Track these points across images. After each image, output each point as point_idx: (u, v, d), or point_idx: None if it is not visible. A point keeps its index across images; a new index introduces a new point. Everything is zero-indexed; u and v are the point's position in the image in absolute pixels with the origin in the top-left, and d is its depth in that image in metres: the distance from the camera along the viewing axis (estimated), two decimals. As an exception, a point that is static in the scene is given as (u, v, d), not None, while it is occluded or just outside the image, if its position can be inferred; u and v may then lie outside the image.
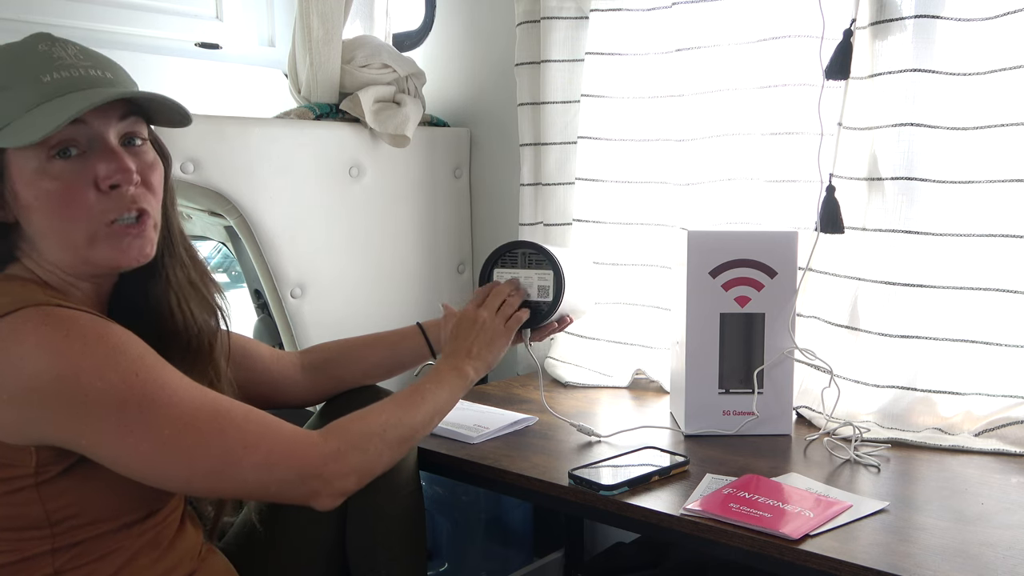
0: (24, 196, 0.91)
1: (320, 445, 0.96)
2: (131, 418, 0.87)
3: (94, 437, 0.87)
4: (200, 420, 0.90)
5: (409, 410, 1.08)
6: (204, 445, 0.90)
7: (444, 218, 1.98)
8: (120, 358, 0.87)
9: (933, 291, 1.36)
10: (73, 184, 0.90)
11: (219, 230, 1.79)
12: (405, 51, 2.02)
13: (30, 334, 0.85)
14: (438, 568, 1.79)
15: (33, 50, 0.91)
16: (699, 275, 1.36)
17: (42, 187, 0.90)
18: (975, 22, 1.30)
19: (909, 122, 1.35)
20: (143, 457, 0.88)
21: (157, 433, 0.88)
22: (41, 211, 0.91)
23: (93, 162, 0.91)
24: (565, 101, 1.78)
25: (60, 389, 0.84)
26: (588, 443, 1.35)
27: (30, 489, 0.88)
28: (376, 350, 1.34)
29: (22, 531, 0.89)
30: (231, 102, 1.84)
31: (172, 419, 0.88)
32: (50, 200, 0.90)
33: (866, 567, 0.92)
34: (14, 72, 0.90)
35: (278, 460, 0.93)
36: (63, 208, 0.90)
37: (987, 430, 1.33)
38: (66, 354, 0.85)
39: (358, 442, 0.99)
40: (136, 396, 0.87)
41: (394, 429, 1.04)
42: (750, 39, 1.53)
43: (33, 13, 1.59)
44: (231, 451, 0.91)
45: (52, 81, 0.89)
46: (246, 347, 1.25)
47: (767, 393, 1.37)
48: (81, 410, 0.85)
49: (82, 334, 0.86)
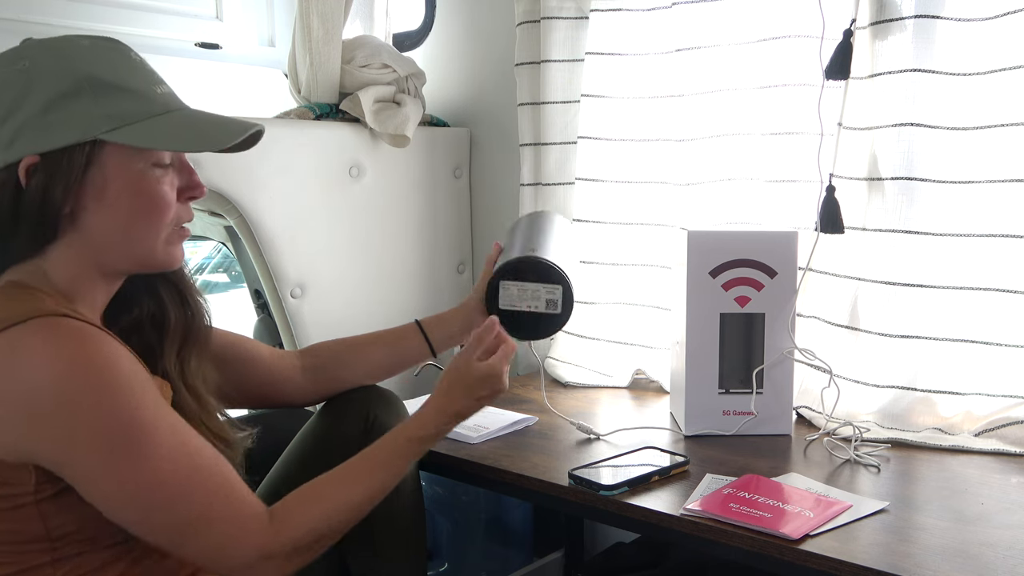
0: (115, 190, 0.92)
1: (270, 542, 0.95)
2: (113, 454, 0.87)
3: (74, 463, 0.86)
4: (176, 478, 0.90)
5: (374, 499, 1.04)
6: (170, 504, 0.90)
7: (444, 218, 1.98)
8: (120, 392, 0.87)
9: (933, 291, 1.36)
10: (167, 192, 0.96)
11: (219, 230, 1.79)
12: (405, 51, 2.02)
13: (38, 349, 0.84)
14: (438, 568, 1.79)
15: (129, 56, 0.96)
16: (699, 275, 1.36)
17: (140, 187, 0.94)
18: (975, 22, 1.30)
19: (909, 122, 1.35)
20: (109, 494, 0.88)
21: (130, 477, 0.87)
22: (128, 208, 0.93)
23: (175, 174, 0.98)
24: (565, 101, 1.78)
25: (56, 412, 0.84)
26: (588, 443, 1.35)
27: (30, 506, 0.88)
28: (376, 351, 1.33)
29: (23, 544, 0.89)
30: (231, 102, 1.84)
31: (149, 470, 0.88)
32: (146, 200, 0.94)
33: (866, 567, 0.92)
34: (133, 75, 0.94)
35: (229, 545, 0.93)
36: (155, 210, 0.95)
37: (987, 430, 1.33)
38: (70, 376, 0.84)
39: (312, 541, 0.98)
40: (125, 435, 0.87)
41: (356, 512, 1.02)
42: (750, 39, 1.53)
43: (33, 13, 1.59)
44: (191, 522, 0.91)
45: (163, 95, 0.96)
46: (247, 348, 1.25)
47: (767, 393, 1.37)
48: (70, 435, 0.85)
49: (88, 356, 0.86)
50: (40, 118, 0.89)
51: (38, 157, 0.89)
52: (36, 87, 0.89)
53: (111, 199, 0.93)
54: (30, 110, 0.89)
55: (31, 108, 0.89)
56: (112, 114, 0.91)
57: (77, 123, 0.89)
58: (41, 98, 0.89)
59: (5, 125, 0.89)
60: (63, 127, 0.89)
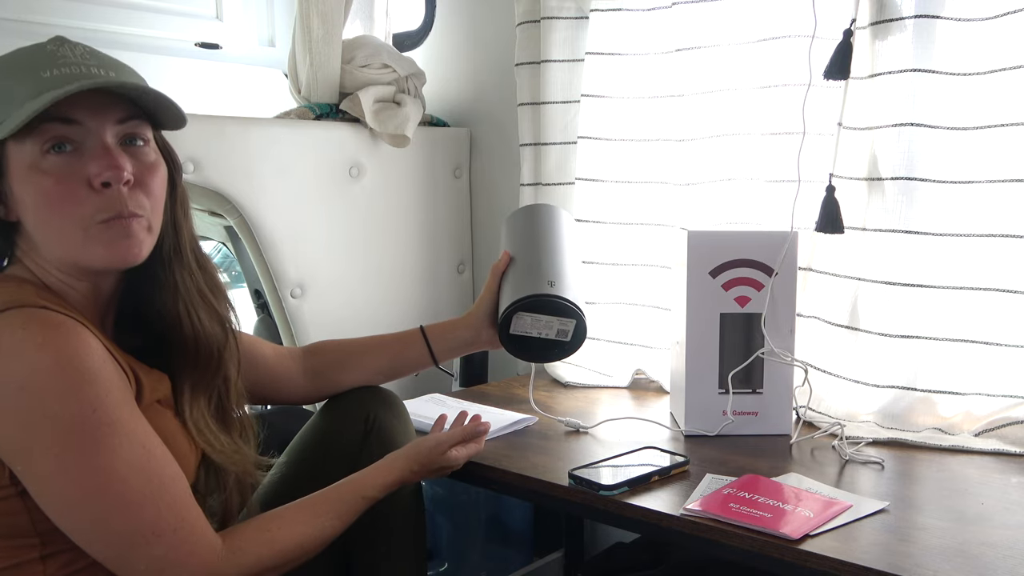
0: (19, 191, 0.90)
1: (218, 566, 0.92)
2: (68, 452, 0.84)
3: (25, 455, 0.85)
4: (129, 485, 0.87)
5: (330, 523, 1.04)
6: (119, 512, 0.87)
7: (444, 218, 1.98)
8: (86, 387, 0.85)
9: (933, 291, 1.36)
10: (65, 179, 0.89)
11: (219, 230, 1.79)
12: (405, 51, 2.02)
13: (7, 338, 0.84)
14: (438, 568, 1.79)
15: (42, 49, 0.91)
16: (699, 275, 1.36)
17: (36, 182, 0.89)
18: (975, 22, 1.30)
19: (909, 122, 1.35)
20: (58, 495, 0.86)
21: (83, 478, 0.85)
22: (35, 207, 0.90)
23: (86, 159, 0.90)
24: (565, 101, 1.78)
25: (19, 401, 0.83)
26: (588, 443, 1.35)
27: (15, 499, 0.87)
28: (379, 357, 1.33)
29: (11, 538, 0.89)
30: (231, 102, 1.84)
31: (104, 471, 0.86)
32: (43, 195, 0.89)
33: (866, 567, 0.92)
34: (17, 68, 0.90)
35: (175, 563, 0.90)
36: (56, 204, 0.89)
37: (987, 430, 1.33)
38: (35, 367, 0.83)
39: (258, 573, 0.96)
40: (85, 431, 0.85)
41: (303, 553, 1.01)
42: (750, 39, 1.53)
43: (33, 13, 1.59)
44: (139, 532, 0.88)
45: (51, 77, 0.88)
46: (250, 347, 1.24)
47: (767, 393, 1.37)
48: (29, 427, 0.84)
49: (57, 349, 0.84)
50: None
51: None
52: None
53: (22, 199, 0.91)
54: None
55: None
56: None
57: None
58: None
59: None
60: None
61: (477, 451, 1.23)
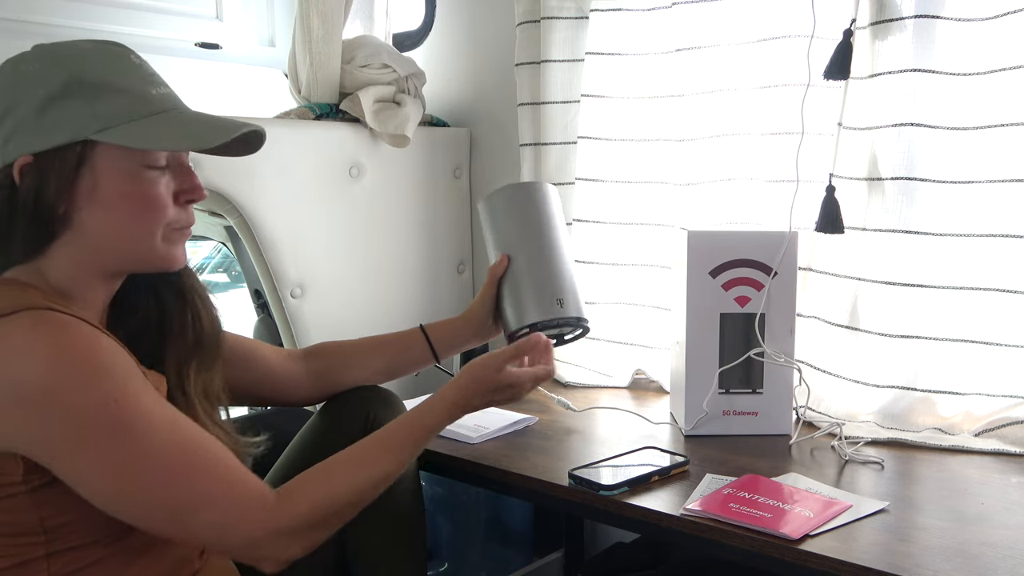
0: (106, 191, 0.93)
1: (273, 519, 0.94)
2: (100, 444, 0.86)
3: (60, 454, 0.86)
4: (169, 461, 0.89)
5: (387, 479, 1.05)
6: (165, 489, 0.89)
7: (444, 218, 1.98)
8: (104, 379, 0.87)
9: (933, 291, 1.36)
10: (159, 190, 0.96)
11: (219, 230, 1.79)
12: (405, 51, 2.02)
13: (20, 339, 0.85)
14: (438, 568, 1.79)
15: (127, 59, 0.97)
16: (699, 275, 1.36)
17: (132, 187, 0.94)
18: (975, 22, 1.30)
19: (909, 122, 1.35)
20: (102, 486, 0.88)
21: (122, 466, 0.87)
22: (121, 208, 0.94)
23: (173, 175, 0.98)
24: (565, 101, 1.78)
25: (40, 400, 0.84)
26: (588, 443, 1.35)
27: (23, 496, 0.88)
28: (380, 357, 1.33)
29: (17, 536, 0.89)
30: (231, 102, 1.84)
31: (140, 454, 0.88)
32: (138, 199, 0.95)
33: (866, 567, 0.92)
34: (127, 76, 0.95)
35: (231, 524, 0.93)
36: (148, 211, 0.95)
37: (987, 430, 1.33)
38: (52, 366, 0.85)
39: (316, 520, 0.98)
40: (111, 422, 0.86)
41: (358, 507, 1.03)
42: (750, 39, 1.53)
43: (33, 13, 1.59)
44: (189, 502, 0.90)
45: (159, 96, 0.96)
46: (251, 349, 1.25)
47: (767, 393, 1.37)
48: (55, 425, 0.85)
49: (71, 346, 0.86)
50: (34, 120, 0.91)
51: (31, 157, 0.91)
52: (31, 89, 0.91)
53: (102, 199, 0.93)
54: (25, 111, 0.91)
55: (26, 110, 0.91)
56: (101, 115, 0.92)
57: (68, 124, 0.91)
58: (35, 100, 0.91)
59: (2, 126, 0.91)
60: (55, 128, 0.91)
61: (548, 374, 1.17)
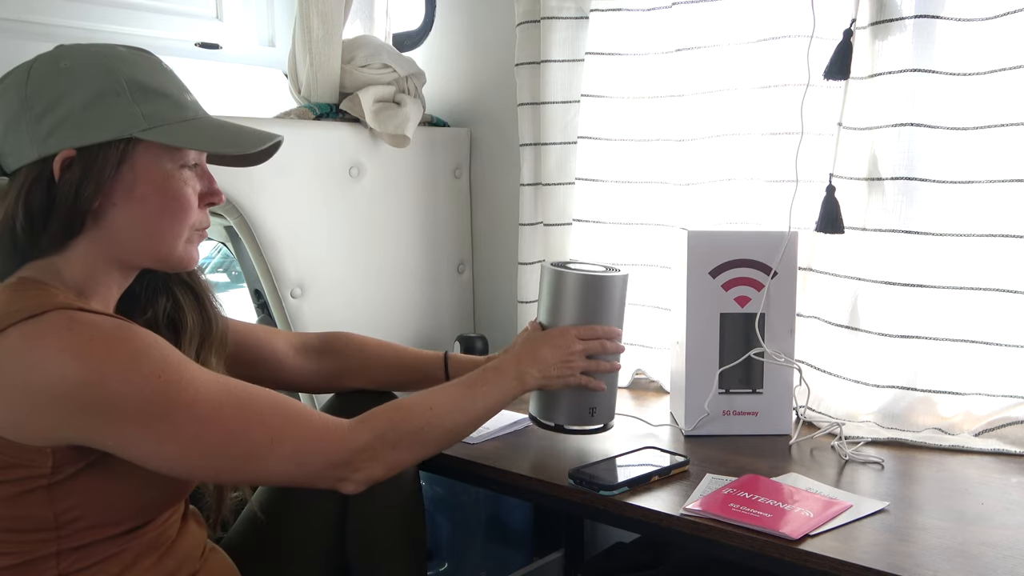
0: (144, 188, 0.96)
1: (348, 440, 0.98)
2: (155, 420, 0.89)
3: (121, 439, 0.89)
4: (225, 417, 0.93)
5: (457, 412, 1.09)
6: (230, 442, 0.93)
7: (444, 218, 1.98)
8: (143, 361, 0.89)
9: (933, 291, 1.36)
10: (190, 190, 1.00)
11: (219, 230, 1.79)
12: (405, 51, 2.02)
13: (54, 338, 0.86)
14: (438, 568, 1.79)
15: (161, 65, 1.01)
16: (699, 275, 1.36)
17: (168, 186, 0.97)
18: (975, 22, 1.30)
19: (909, 122, 1.35)
20: (170, 456, 0.92)
21: (182, 433, 0.90)
22: (154, 207, 0.97)
23: (199, 179, 1.02)
24: (565, 101, 1.78)
25: (86, 394, 0.86)
26: (588, 443, 1.35)
27: (42, 490, 0.89)
28: (396, 375, 1.35)
29: (28, 533, 0.90)
30: (231, 102, 1.84)
31: (196, 419, 0.91)
32: (172, 199, 0.98)
33: (866, 567, 0.92)
34: (167, 82, 1.00)
35: (306, 452, 0.97)
36: (180, 210, 0.99)
37: (987, 430, 1.33)
38: (91, 359, 0.87)
39: (393, 438, 1.02)
40: (160, 398, 0.89)
41: (434, 431, 1.06)
42: (750, 39, 1.53)
43: (33, 13, 1.59)
44: (258, 445, 0.94)
45: (191, 102, 1.01)
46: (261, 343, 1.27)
47: (767, 393, 1.37)
48: (107, 414, 0.87)
49: (105, 338, 0.88)
50: (80, 114, 0.92)
51: (74, 151, 0.92)
52: (79, 85, 0.93)
53: (139, 197, 0.96)
54: (71, 106, 0.92)
55: (72, 104, 0.92)
56: (149, 114, 0.95)
57: (116, 121, 0.93)
58: (83, 95, 0.92)
59: (44, 120, 0.92)
60: (102, 124, 0.92)
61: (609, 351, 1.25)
